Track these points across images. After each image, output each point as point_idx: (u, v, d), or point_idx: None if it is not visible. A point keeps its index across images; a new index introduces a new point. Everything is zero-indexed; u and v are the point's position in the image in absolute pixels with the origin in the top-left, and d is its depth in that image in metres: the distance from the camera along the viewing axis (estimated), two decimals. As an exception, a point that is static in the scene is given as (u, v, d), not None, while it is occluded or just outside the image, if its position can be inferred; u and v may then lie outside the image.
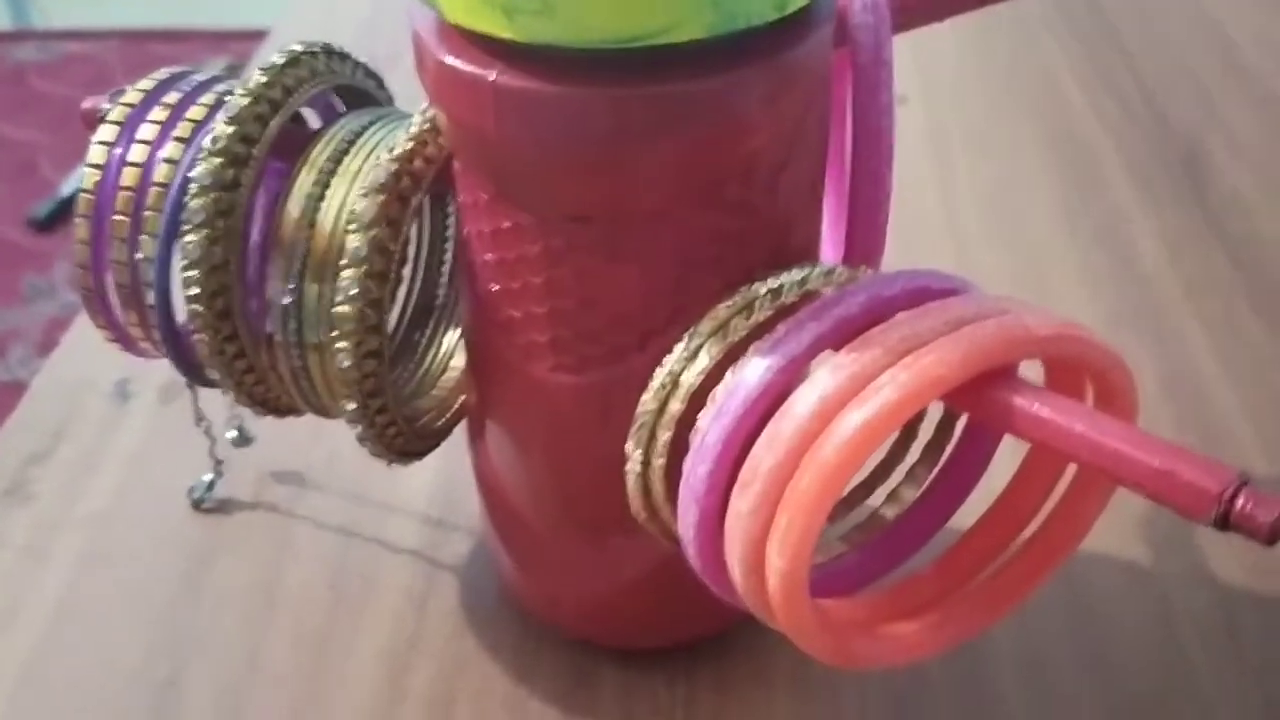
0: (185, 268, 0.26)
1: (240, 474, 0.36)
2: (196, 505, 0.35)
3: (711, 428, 0.23)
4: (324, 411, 0.29)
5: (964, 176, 0.48)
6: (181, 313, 0.28)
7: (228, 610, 0.32)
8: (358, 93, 0.30)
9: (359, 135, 0.27)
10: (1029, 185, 0.48)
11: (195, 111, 0.28)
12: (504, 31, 0.21)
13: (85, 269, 0.28)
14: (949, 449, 0.27)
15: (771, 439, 0.22)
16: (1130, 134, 0.50)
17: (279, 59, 0.27)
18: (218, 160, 0.26)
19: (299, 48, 0.28)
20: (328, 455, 0.36)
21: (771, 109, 0.23)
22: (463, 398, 0.31)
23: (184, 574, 0.33)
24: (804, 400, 0.22)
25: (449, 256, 0.32)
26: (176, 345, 0.28)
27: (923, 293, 0.23)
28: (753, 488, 0.22)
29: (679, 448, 0.24)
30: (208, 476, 0.35)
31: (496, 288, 0.26)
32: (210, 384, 0.30)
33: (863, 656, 0.25)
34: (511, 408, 0.27)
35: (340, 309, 0.26)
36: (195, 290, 0.26)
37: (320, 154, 0.27)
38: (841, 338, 0.23)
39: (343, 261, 0.26)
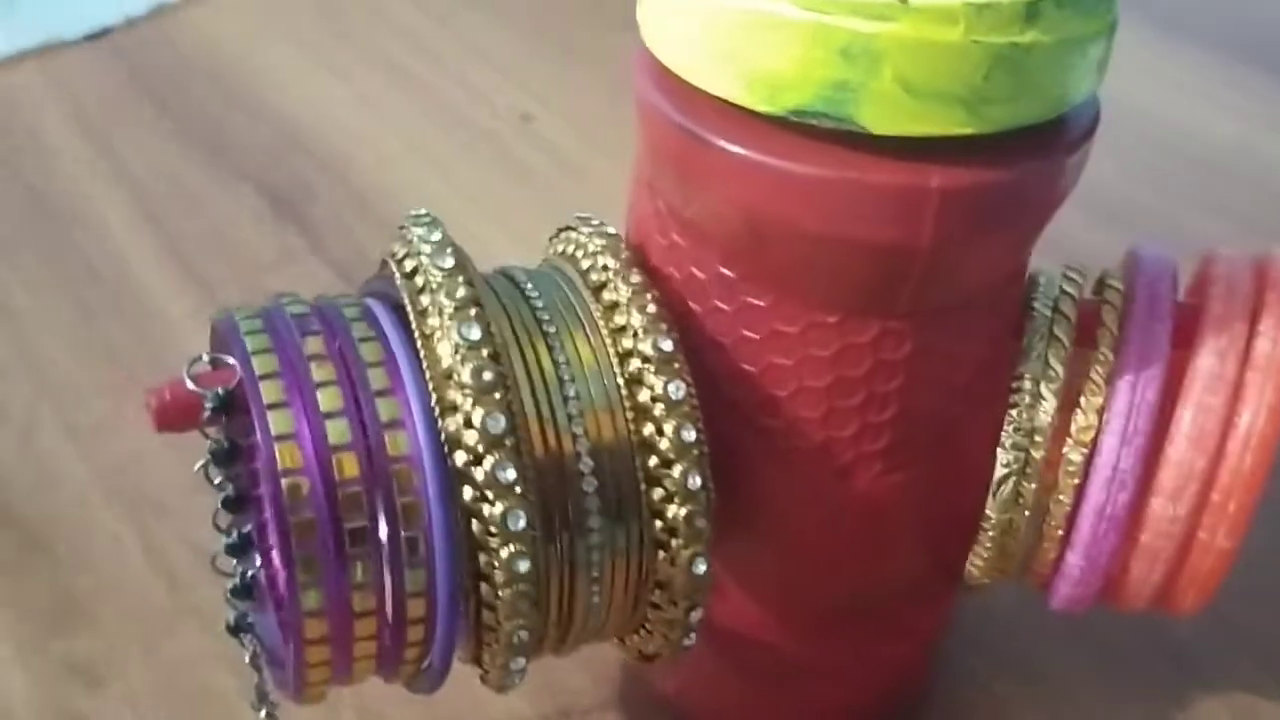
0: (512, 557, 0.20)
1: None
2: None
3: (1122, 453, 0.23)
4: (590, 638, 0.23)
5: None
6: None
7: None
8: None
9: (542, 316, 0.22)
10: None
11: (369, 352, 0.20)
12: (961, 128, 0.19)
13: (317, 615, 0.19)
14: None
15: (1197, 439, 0.23)
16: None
17: (438, 250, 0.21)
18: (495, 396, 0.20)
19: (429, 229, 0.22)
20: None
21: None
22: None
23: None
24: (1215, 391, 0.23)
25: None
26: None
27: (1171, 262, 0.25)
28: (1188, 489, 0.23)
29: (1045, 489, 0.24)
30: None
31: (820, 412, 0.23)
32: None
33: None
34: (802, 526, 0.24)
35: (685, 509, 0.21)
36: (524, 587, 0.20)
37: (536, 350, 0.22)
38: (1180, 324, 0.24)
39: (684, 469, 0.21)
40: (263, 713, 0.24)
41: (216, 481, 0.21)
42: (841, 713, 0.28)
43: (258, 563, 0.22)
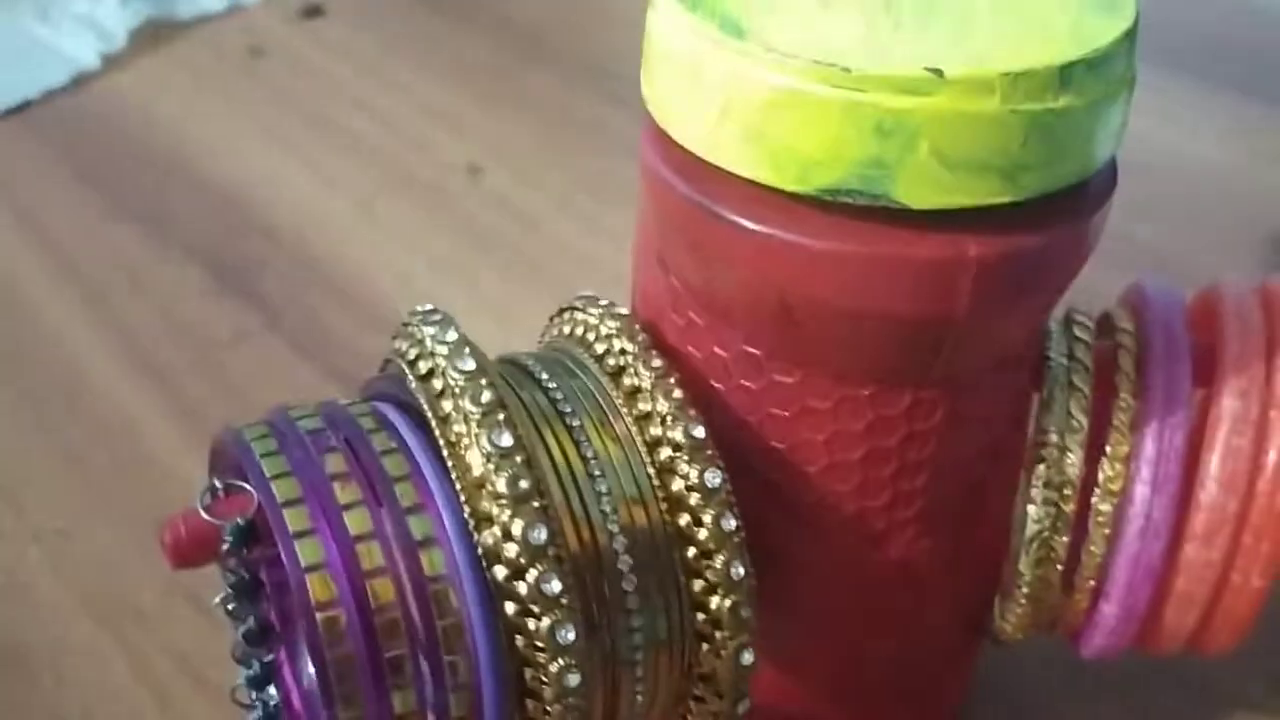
0: (562, 671, 0.19)
1: None
2: None
3: (1155, 502, 0.23)
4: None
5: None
6: None
7: None
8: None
9: (563, 410, 0.21)
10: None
11: (393, 465, 0.19)
12: (997, 197, 0.18)
13: (362, 752, 0.18)
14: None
15: (1227, 482, 0.23)
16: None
17: (456, 350, 0.20)
18: (533, 505, 0.19)
19: (442, 328, 0.21)
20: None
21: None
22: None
23: None
24: (1240, 433, 0.23)
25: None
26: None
27: (1179, 297, 0.25)
28: (1222, 533, 0.23)
29: (1076, 541, 0.24)
30: None
31: (852, 484, 0.22)
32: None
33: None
34: (834, 599, 0.24)
35: (730, 600, 0.20)
36: (574, 700, 0.19)
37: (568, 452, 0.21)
38: (1198, 362, 0.24)
39: (725, 559, 0.20)
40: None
41: (234, 612, 0.19)
42: None
43: (276, 693, 0.21)
